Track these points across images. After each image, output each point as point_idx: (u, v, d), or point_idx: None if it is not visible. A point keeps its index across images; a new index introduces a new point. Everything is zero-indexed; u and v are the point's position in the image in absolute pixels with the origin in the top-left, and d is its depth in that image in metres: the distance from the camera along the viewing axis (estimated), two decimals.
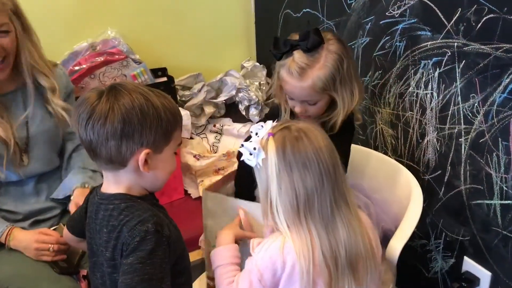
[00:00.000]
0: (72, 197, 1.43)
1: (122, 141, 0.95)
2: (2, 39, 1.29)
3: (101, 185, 1.07)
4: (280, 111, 1.37)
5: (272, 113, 1.48)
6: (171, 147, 1.02)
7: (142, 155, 0.97)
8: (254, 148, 1.02)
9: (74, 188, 1.44)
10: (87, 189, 1.43)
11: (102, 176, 1.42)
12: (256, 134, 1.06)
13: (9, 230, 1.35)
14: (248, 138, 1.08)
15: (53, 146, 1.50)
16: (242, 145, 1.05)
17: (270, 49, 1.27)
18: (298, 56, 1.23)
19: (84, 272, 1.38)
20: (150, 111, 0.95)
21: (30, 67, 1.37)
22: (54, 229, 1.42)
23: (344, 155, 1.35)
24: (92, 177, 1.49)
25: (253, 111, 2.22)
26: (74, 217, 1.19)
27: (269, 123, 1.07)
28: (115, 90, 0.96)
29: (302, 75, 1.22)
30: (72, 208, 1.39)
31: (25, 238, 1.34)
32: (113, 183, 1.02)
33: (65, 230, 1.21)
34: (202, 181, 2.12)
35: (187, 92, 2.20)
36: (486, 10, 1.18)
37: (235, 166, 2.04)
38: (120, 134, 0.94)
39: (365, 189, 1.45)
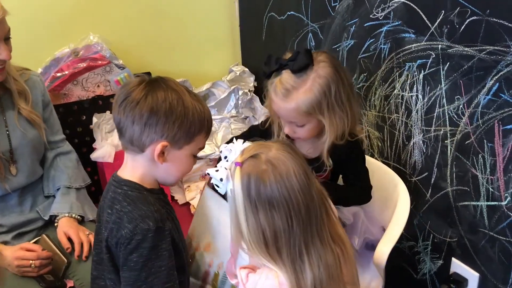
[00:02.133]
0: (58, 226, 1.42)
1: (145, 128, 1.00)
2: (9, 45, 1.30)
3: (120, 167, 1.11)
4: (273, 132, 1.34)
5: (249, 133, 1.46)
6: (191, 148, 1.06)
7: (159, 146, 1.01)
8: (221, 179, 0.98)
9: (61, 217, 1.43)
10: (73, 218, 1.43)
11: (85, 190, 1.41)
12: (225, 158, 1.00)
13: None
14: (218, 160, 1.06)
15: (38, 156, 1.47)
16: (209, 174, 1.01)
17: (262, 66, 1.25)
18: (285, 76, 1.20)
19: (71, 283, 1.36)
20: (179, 108, 1.01)
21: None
22: (36, 241, 1.39)
23: (358, 182, 1.34)
24: (76, 204, 1.47)
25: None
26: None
27: (238, 145, 1.00)
28: (156, 82, 1.03)
29: (287, 96, 1.19)
30: (61, 237, 1.39)
31: (6, 255, 1.32)
32: (129, 169, 1.07)
33: None
34: (189, 186, 2.11)
35: None
36: (469, 12, 1.18)
37: None
38: (145, 122, 0.99)
39: None
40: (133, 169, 1.06)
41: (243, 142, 1.02)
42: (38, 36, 1.97)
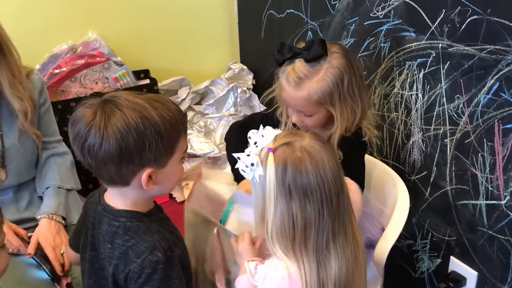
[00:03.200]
0: (37, 228, 1.37)
1: (121, 165, 0.91)
2: None
3: (104, 190, 1.04)
4: (280, 122, 1.34)
5: (251, 120, 1.46)
6: (176, 158, 0.97)
7: (144, 176, 0.93)
8: (252, 164, 0.92)
9: (41, 217, 1.38)
10: (54, 221, 1.38)
11: (76, 193, 1.37)
12: (255, 143, 0.95)
13: None
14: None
15: (32, 158, 1.44)
16: (239, 158, 0.95)
17: (274, 53, 1.23)
18: (298, 65, 1.20)
19: (68, 279, 1.35)
20: (148, 130, 0.89)
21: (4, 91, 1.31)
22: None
23: (358, 176, 1.30)
24: (63, 204, 1.43)
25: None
26: (76, 233, 1.13)
27: (270, 132, 0.96)
28: (108, 108, 0.89)
29: (299, 85, 1.19)
30: (32, 240, 1.34)
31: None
32: (119, 198, 0.99)
33: (70, 251, 1.17)
34: (187, 184, 2.10)
35: (171, 100, 2.18)
36: (470, 11, 1.18)
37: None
38: (118, 159, 0.89)
39: None
40: (124, 198, 0.99)
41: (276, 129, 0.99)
42: (36, 33, 1.96)
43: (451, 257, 1.45)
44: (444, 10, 1.24)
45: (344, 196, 0.93)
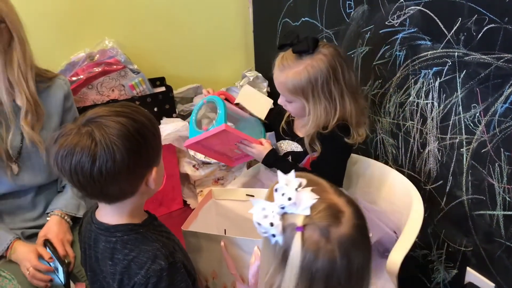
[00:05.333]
0: (46, 224, 1.38)
1: (134, 172, 0.92)
2: None
3: (95, 208, 1.05)
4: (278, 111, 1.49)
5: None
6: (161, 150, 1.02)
7: (154, 175, 0.96)
8: (274, 235, 0.78)
9: (52, 214, 1.40)
10: (64, 221, 1.40)
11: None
12: (282, 207, 0.78)
13: (11, 243, 1.32)
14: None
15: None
16: (264, 208, 0.79)
17: (282, 36, 1.36)
18: (288, 53, 1.35)
19: (83, 285, 1.35)
20: (145, 131, 0.92)
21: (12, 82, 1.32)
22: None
23: (324, 176, 1.34)
24: (81, 205, 1.45)
25: None
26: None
27: (305, 199, 0.78)
28: (98, 124, 0.89)
29: (282, 70, 1.34)
30: (40, 236, 1.35)
31: (22, 252, 1.31)
32: (115, 214, 1.00)
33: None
34: (201, 191, 2.11)
35: (187, 107, 2.19)
36: (487, 20, 1.17)
37: (233, 176, 2.04)
38: (133, 167, 0.90)
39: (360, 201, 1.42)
40: (120, 213, 0.99)
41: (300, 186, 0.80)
42: (54, 40, 1.99)
43: (468, 268, 1.43)
44: (460, 18, 1.24)
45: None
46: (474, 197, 1.34)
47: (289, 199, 0.77)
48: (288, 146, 1.56)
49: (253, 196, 1.38)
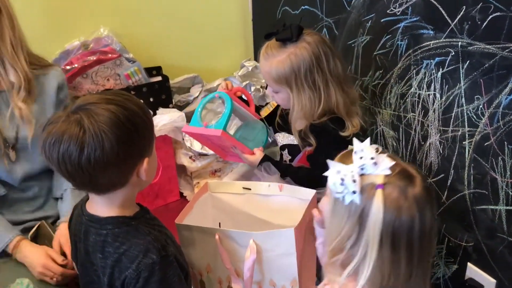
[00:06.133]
0: (56, 232, 1.37)
1: (124, 162, 0.89)
2: None
3: (85, 200, 1.02)
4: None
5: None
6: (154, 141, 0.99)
7: (145, 165, 0.93)
8: (354, 192, 0.83)
9: (61, 221, 1.40)
10: None
11: None
12: (362, 167, 0.84)
13: (17, 242, 1.30)
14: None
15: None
16: (338, 172, 0.84)
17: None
18: (272, 42, 1.34)
19: None
20: (137, 119, 0.90)
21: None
22: (36, 229, 1.37)
23: (314, 161, 1.40)
24: None
25: None
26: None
27: (384, 160, 0.84)
28: (87, 112, 0.86)
29: (266, 59, 1.34)
30: (55, 245, 1.34)
31: (31, 255, 1.29)
32: (105, 205, 0.97)
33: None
34: (198, 182, 2.07)
35: (183, 98, 2.15)
36: (492, 8, 1.12)
37: (231, 168, 2.01)
38: (123, 157, 0.88)
39: None
40: (111, 205, 0.96)
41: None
42: (48, 29, 1.95)
43: (468, 264, 1.40)
44: (464, 6, 1.19)
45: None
46: (476, 191, 1.31)
47: (372, 158, 0.83)
48: (284, 138, 1.53)
49: (249, 189, 1.36)
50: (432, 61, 1.34)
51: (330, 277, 0.93)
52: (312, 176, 1.34)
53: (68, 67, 1.91)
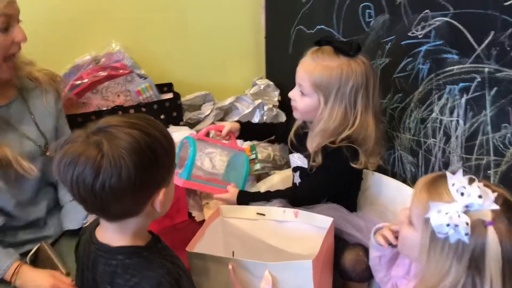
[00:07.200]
0: None
1: (140, 190, 0.84)
2: (22, 28, 1.23)
3: (95, 226, 0.97)
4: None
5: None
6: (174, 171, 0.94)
7: (161, 196, 0.88)
8: (466, 234, 0.81)
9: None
10: None
11: None
12: (467, 207, 0.83)
13: (16, 268, 1.24)
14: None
15: None
16: (440, 211, 0.83)
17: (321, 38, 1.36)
18: (327, 47, 1.32)
19: None
20: (157, 147, 0.84)
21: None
22: (36, 250, 1.32)
23: (314, 188, 1.36)
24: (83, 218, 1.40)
25: None
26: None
27: (488, 195, 0.84)
28: (107, 134, 0.82)
29: (314, 59, 1.31)
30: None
31: (37, 279, 1.22)
32: (117, 234, 0.92)
33: None
34: (207, 203, 2.02)
35: (194, 115, 2.12)
36: None
37: None
38: (139, 185, 0.82)
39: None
40: (123, 233, 0.92)
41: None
42: (60, 43, 1.92)
43: None
44: (493, 32, 1.15)
45: None
46: None
47: (480, 196, 0.82)
48: (297, 160, 1.48)
49: (264, 214, 1.31)
50: (455, 86, 1.29)
51: None
52: (293, 194, 1.37)
53: (78, 82, 1.88)
